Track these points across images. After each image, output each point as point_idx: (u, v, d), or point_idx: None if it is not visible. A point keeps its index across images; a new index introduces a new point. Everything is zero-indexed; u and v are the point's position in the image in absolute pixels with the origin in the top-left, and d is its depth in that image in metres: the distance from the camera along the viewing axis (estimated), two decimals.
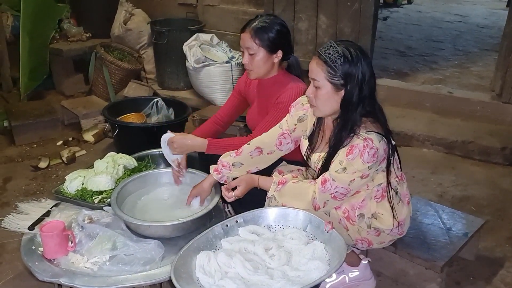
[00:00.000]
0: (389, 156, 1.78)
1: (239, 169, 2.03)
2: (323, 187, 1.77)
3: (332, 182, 1.75)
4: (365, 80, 1.72)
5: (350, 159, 1.70)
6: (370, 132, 1.72)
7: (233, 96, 2.50)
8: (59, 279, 1.75)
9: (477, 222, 2.27)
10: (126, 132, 3.20)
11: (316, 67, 1.76)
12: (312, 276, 1.59)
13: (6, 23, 4.48)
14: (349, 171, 1.72)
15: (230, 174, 2.04)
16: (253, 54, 2.17)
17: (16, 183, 3.09)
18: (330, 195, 1.77)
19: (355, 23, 3.61)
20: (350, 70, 1.71)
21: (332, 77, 1.73)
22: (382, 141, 1.73)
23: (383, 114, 1.80)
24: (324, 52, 1.74)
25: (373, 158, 1.70)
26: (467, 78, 4.50)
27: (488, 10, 7.70)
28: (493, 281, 2.21)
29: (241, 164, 2.03)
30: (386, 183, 1.83)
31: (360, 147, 1.69)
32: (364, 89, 1.72)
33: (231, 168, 2.03)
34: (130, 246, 1.85)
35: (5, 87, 4.45)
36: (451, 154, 3.39)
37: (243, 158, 2.03)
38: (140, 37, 4.38)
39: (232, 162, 2.03)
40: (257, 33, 2.14)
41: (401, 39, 5.97)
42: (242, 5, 4.19)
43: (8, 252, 2.42)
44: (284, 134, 2.02)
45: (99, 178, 2.20)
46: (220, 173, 2.04)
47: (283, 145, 2.03)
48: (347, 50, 1.71)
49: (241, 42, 2.20)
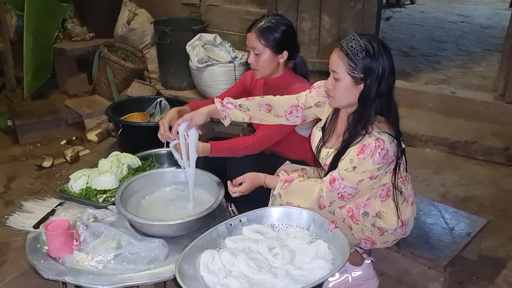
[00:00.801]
0: (397, 159, 1.78)
1: (244, 112, 2.02)
2: (331, 186, 1.76)
3: (341, 181, 1.74)
4: (384, 75, 1.71)
5: (361, 159, 1.70)
6: (383, 132, 1.72)
7: (237, 86, 2.50)
8: (64, 277, 1.76)
9: (480, 222, 2.28)
10: (130, 132, 3.21)
11: (337, 59, 1.75)
12: (316, 275, 1.59)
13: (10, 22, 4.49)
14: (358, 171, 1.71)
15: (233, 113, 2.01)
16: (258, 54, 2.18)
17: (20, 182, 3.11)
18: (338, 194, 1.77)
19: (358, 23, 3.62)
20: (371, 65, 1.70)
21: (352, 70, 1.72)
22: (393, 143, 1.73)
23: (397, 113, 1.80)
24: (347, 45, 1.72)
25: (383, 159, 1.70)
26: (470, 78, 4.50)
27: (491, 10, 7.69)
28: (496, 280, 2.22)
29: (248, 109, 2.02)
30: (391, 183, 1.83)
31: (372, 147, 1.69)
32: (383, 84, 1.72)
33: (237, 107, 2.01)
34: (134, 244, 1.86)
35: (9, 87, 4.47)
36: (454, 154, 3.39)
37: (251, 105, 2.02)
38: (143, 37, 4.39)
39: (240, 103, 2.02)
40: (263, 33, 2.15)
41: (404, 39, 5.97)
42: (245, 5, 4.20)
43: (13, 250, 2.43)
44: (298, 106, 2.02)
45: (104, 177, 2.21)
46: (224, 106, 2.01)
47: (292, 115, 2.03)
48: (369, 44, 1.70)
49: (247, 41, 2.21)
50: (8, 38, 4.36)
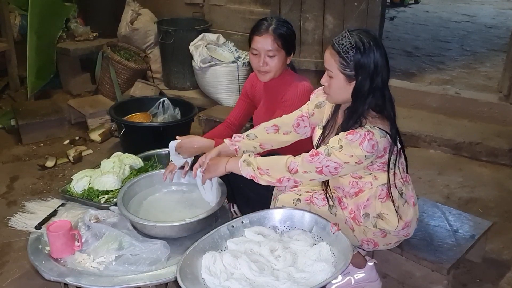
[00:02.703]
0: (389, 156, 1.77)
1: (252, 140, 2.02)
2: (311, 158, 1.74)
3: (325, 156, 1.72)
4: (377, 71, 1.70)
5: (349, 139, 1.69)
6: (374, 127, 1.71)
7: (241, 100, 2.51)
8: (65, 279, 1.76)
9: (484, 224, 2.26)
10: (132, 132, 3.21)
11: (329, 58, 1.75)
12: (318, 277, 1.58)
13: (13, 22, 4.50)
14: (346, 152, 1.69)
15: (243, 144, 2.02)
16: (273, 56, 2.20)
17: (23, 182, 3.11)
18: (316, 168, 1.74)
19: (362, 23, 3.60)
20: (362, 61, 1.69)
21: (344, 68, 1.72)
22: (384, 138, 1.72)
23: (393, 108, 1.78)
24: (338, 43, 1.73)
25: (372, 149, 1.69)
26: (475, 79, 4.48)
27: (496, 10, 7.65)
28: (500, 283, 2.20)
29: (256, 136, 2.03)
30: (387, 183, 1.82)
31: (362, 134, 1.68)
32: (376, 79, 1.71)
33: (245, 137, 2.02)
34: (136, 246, 1.85)
35: (13, 86, 4.48)
36: (458, 155, 3.37)
37: (258, 131, 2.04)
38: (146, 37, 4.39)
39: (247, 134, 2.04)
40: (280, 36, 2.19)
41: (408, 39, 5.94)
42: (248, 4, 4.19)
43: (15, 250, 2.43)
44: (303, 116, 2.03)
45: (106, 178, 2.21)
46: (232, 141, 2.02)
47: (300, 127, 2.04)
48: (360, 41, 1.70)
49: (258, 44, 2.20)
50: (11, 37, 4.36)
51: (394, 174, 1.82)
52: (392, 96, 1.79)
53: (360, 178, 1.84)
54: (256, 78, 2.35)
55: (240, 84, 3.88)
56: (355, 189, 1.87)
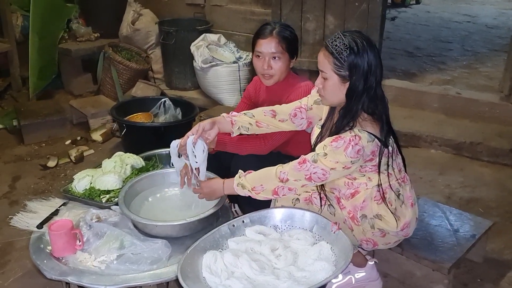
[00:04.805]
0: (380, 159, 1.77)
1: (250, 118, 2.08)
2: (300, 166, 1.77)
3: (312, 163, 1.74)
4: (371, 71, 1.72)
5: (334, 147, 1.70)
6: (363, 130, 1.72)
7: (243, 102, 2.52)
8: (67, 278, 1.76)
9: (485, 224, 2.26)
10: (134, 132, 3.21)
11: (323, 59, 1.77)
12: (318, 276, 1.59)
13: (15, 23, 4.51)
14: (331, 159, 1.71)
15: (239, 118, 2.07)
16: (278, 59, 2.21)
17: (25, 182, 3.12)
18: (305, 175, 1.76)
19: (363, 24, 3.60)
20: (355, 62, 1.71)
21: (338, 69, 1.73)
22: (372, 142, 1.72)
23: (385, 108, 1.79)
24: (331, 44, 1.75)
25: (357, 154, 1.69)
26: (476, 79, 4.47)
27: (497, 10, 7.64)
28: (501, 283, 2.20)
29: (253, 115, 2.09)
30: (382, 185, 1.82)
31: (346, 140, 1.69)
32: (370, 79, 1.73)
33: (242, 114, 2.09)
34: (137, 245, 1.86)
35: (15, 87, 4.50)
36: (459, 155, 3.37)
37: (256, 112, 2.10)
38: (148, 37, 4.40)
39: (245, 112, 2.10)
40: (285, 38, 2.21)
41: (409, 39, 5.94)
42: (249, 5, 4.19)
43: (17, 250, 2.44)
44: (301, 108, 2.06)
45: (107, 177, 2.22)
46: (229, 115, 2.09)
47: (297, 118, 2.06)
48: (353, 42, 1.72)
49: (262, 47, 2.22)
50: (14, 38, 4.38)
51: (388, 175, 1.83)
52: (385, 96, 1.81)
53: (355, 179, 1.84)
54: (260, 82, 2.36)
55: (241, 85, 3.89)
56: (351, 190, 1.87)
